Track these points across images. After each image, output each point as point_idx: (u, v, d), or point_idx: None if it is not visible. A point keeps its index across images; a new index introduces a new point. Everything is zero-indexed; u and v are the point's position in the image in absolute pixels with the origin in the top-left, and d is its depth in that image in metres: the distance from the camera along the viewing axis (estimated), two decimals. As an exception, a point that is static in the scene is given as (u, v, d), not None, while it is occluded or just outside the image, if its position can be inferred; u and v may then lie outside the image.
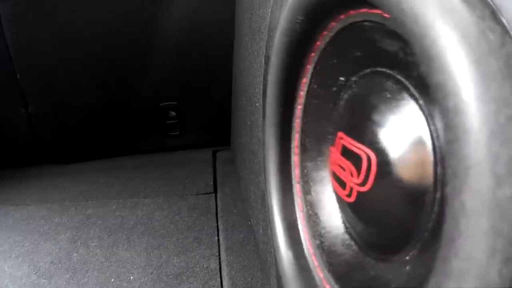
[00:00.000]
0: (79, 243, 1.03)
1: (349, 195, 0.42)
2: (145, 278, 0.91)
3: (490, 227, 0.19)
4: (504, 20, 0.23)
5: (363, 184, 0.39)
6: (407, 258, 0.35)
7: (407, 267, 0.34)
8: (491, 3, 0.24)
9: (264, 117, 0.60)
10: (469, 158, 0.20)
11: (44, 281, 0.91)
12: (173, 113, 1.41)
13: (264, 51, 0.68)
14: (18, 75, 1.26)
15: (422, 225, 0.31)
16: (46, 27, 1.22)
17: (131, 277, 0.92)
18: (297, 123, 0.54)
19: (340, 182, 0.45)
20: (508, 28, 0.23)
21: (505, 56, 0.21)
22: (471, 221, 0.19)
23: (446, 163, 0.21)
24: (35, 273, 0.94)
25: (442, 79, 0.21)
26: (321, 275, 0.48)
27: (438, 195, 0.29)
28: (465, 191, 0.20)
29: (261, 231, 0.82)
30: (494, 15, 0.23)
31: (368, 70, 0.41)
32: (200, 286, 0.89)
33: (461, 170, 0.20)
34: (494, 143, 0.19)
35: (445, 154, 0.23)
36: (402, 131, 0.34)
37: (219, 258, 0.96)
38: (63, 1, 1.20)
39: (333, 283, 0.46)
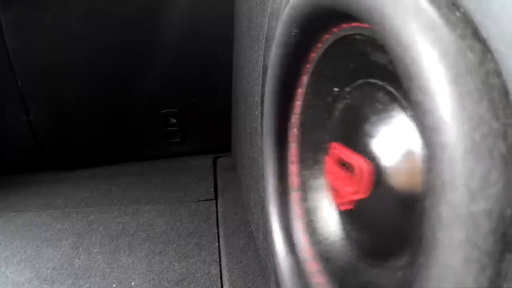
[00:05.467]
0: (80, 249, 1.04)
1: (344, 203, 0.43)
2: (147, 284, 0.92)
3: (465, 238, 0.20)
4: (484, 39, 0.24)
5: (356, 192, 0.40)
6: (400, 264, 0.35)
7: (400, 273, 0.35)
8: (473, 22, 0.24)
9: (262, 125, 0.61)
10: (445, 174, 0.20)
11: (46, 286, 0.92)
12: (173, 120, 1.42)
13: (262, 60, 0.69)
14: (19, 82, 1.27)
15: (413, 232, 0.32)
16: (47, 34, 1.23)
17: (133, 283, 0.92)
18: (294, 132, 0.54)
19: (335, 190, 0.46)
20: (488, 46, 0.23)
21: (483, 75, 0.22)
22: (447, 233, 0.20)
23: (425, 177, 0.22)
24: (37, 279, 0.94)
25: (421, 97, 0.22)
26: (319, 280, 0.49)
27: (427, 203, 0.30)
28: (441, 204, 0.21)
29: (261, 237, 0.82)
30: (475, 33, 0.24)
31: (361, 81, 0.42)
32: (201, 292, 0.89)
33: (438, 185, 0.21)
34: (469, 160, 0.20)
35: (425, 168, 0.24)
36: (394, 141, 0.35)
37: (220, 264, 0.97)
38: (64, 9, 1.21)
39: (329, 288, 0.47)
